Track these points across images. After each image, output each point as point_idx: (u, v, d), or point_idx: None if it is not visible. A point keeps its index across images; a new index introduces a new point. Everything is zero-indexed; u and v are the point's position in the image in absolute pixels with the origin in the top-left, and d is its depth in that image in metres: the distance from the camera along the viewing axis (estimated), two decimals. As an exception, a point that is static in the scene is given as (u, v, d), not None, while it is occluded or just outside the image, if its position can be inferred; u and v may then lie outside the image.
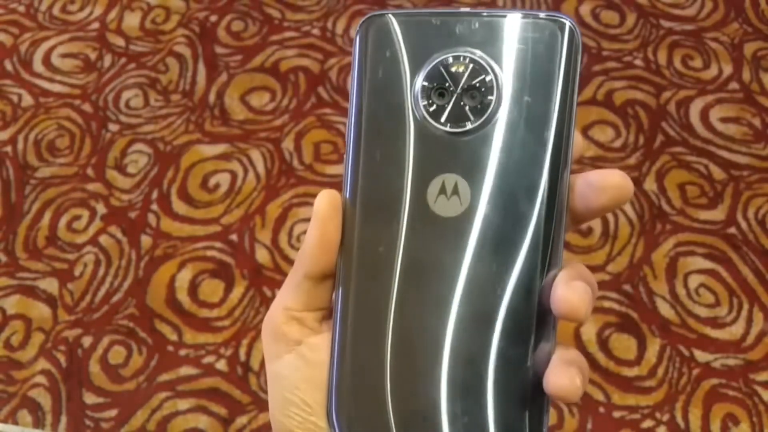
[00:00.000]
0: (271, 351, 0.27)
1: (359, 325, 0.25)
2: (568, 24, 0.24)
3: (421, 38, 0.24)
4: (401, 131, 0.24)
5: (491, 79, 0.24)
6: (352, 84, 0.25)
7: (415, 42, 0.24)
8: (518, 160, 0.24)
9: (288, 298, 0.26)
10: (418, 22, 0.25)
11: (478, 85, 0.24)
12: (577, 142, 0.25)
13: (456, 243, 0.24)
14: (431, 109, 0.24)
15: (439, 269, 0.24)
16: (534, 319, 0.23)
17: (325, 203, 0.25)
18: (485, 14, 0.24)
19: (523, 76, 0.24)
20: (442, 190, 0.24)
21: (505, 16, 0.24)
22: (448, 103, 0.24)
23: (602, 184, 0.23)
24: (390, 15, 0.25)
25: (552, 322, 0.24)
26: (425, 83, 0.24)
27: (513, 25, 0.24)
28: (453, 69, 0.24)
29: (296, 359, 0.26)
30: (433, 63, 0.24)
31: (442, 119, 0.24)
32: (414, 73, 0.24)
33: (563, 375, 0.23)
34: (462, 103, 0.24)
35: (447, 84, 0.24)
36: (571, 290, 0.23)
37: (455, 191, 0.24)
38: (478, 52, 0.24)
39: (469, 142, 0.24)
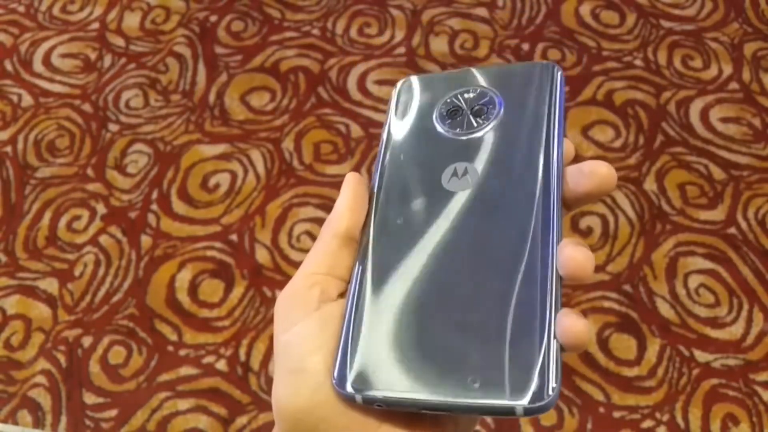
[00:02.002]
0: (285, 321, 0.26)
1: (372, 285, 0.26)
2: (550, 64, 0.31)
3: (440, 85, 0.32)
4: (424, 140, 0.30)
5: (493, 100, 0.30)
6: (387, 114, 0.32)
7: (436, 87, 0.32)
8: (516, 155, 0.28)
9: (312, 263, 0.27)
10: (437, 77, 0.33)
11: (483, 103, 0.30)
12: (568, 149, 0.29)
13: (465, 211, 0.27)
14: (448, 121, 0.30)
15: (451, 234, 0.27)
16: (540, 278, 0.25)
17: (353, 176, 0.29)
18: (491, 67, 0.32)
19: (518, 98, 0.30)
20: (454, 173, 0.28)
21: (499, 66, 0.32)
22: (460, 117, 0.30)
23: (591, 171, 0.27)
24: (417, 76, 0.33)
25: (559, 281, 0.25)
26: (444, 106, 0.31)
27: (511, 69, 0.32)
28: (464, 96, 0.31)
29: (311, 325, 0.26)
30: (450, 95, 0.31)
31: (456, 127, 0.30)
32: (435, 103, 0.31)
33: (577, 250, 0.25)
34: (471, 116, 0.30)
35: (460, 105, 0.31)
36: (577, 250, 0.25)
37: (465, 173, 0.28)
38: (484, 87, 0.31)
39: (476, 141, 0.29)
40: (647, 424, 0.83)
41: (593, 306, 0.91)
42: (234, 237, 0.98)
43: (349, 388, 0.24)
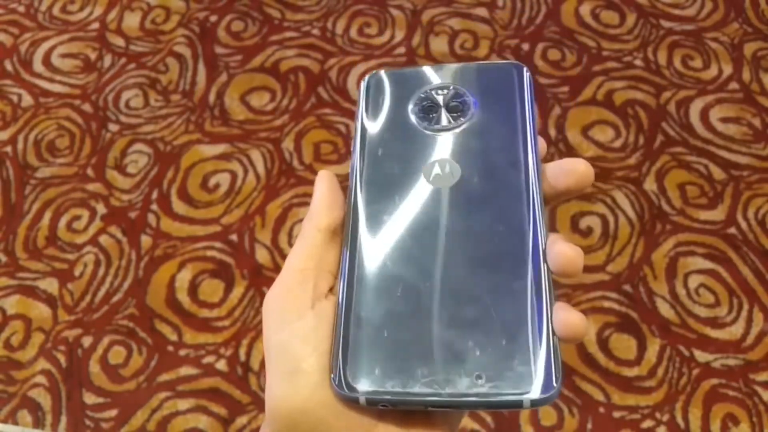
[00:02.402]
0: (278, 320, 0.26)
1: (363, 282, 0.26)
2: (519, 65, 0.31)
3: (411, 80, 0.32)
4: (401, 135, 0.30)
5: (467, 97, 0.30)
6: (358, 108, 0.31)
7: (407, 83, 0.32)
8: (498, 147, 0.29)
9: (299, 258, 0.27)
10: (407, 72, 0.32)
11: (458, 100, 0.30)
12: (542, 146, 0.30)
13: (451, 206, 0.27)
14: (425, 118, 0.30)
15: (441, 230, 0.27)
16: (533, 273, 0.25)
17: (326, 173, 0.29)
18: (461, 65, 0.32)
19: (491, 96, 0.31)
20: (437, 170, 0.28)
21: (470, 64, 0.32)
22: (436, 113, 0.30)
23: (570, 169, 0.28)
24: (385, 70, 0.33)
25: (550, 276, 0.26)
26: (419, 102, 0.31)
27: (481, 67, 0.32)
28: (439, 92, 0.31)
29: (306, 324, 0.25)
30: (424, 90, 0.31)
31: (433, 124, 0.30)
32: (409, 98, 0.31)
33: (567, 245, 0.25)
34: (447, 113, 0.30)
35: (435, 101, 0.31)
36: (567, 246, 0.25)
37: (448, 170, 0.28)
38: (457, 84, 0.31)
39: (455, 137, 0.30)
40: (647, 424, 0.83)
41: (593, 306, 0.91)
42: (234, 237, 0.98)
43: (350, 390, 0.24)
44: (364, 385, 0.24)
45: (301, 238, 0.28)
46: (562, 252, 0.25)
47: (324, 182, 0.29)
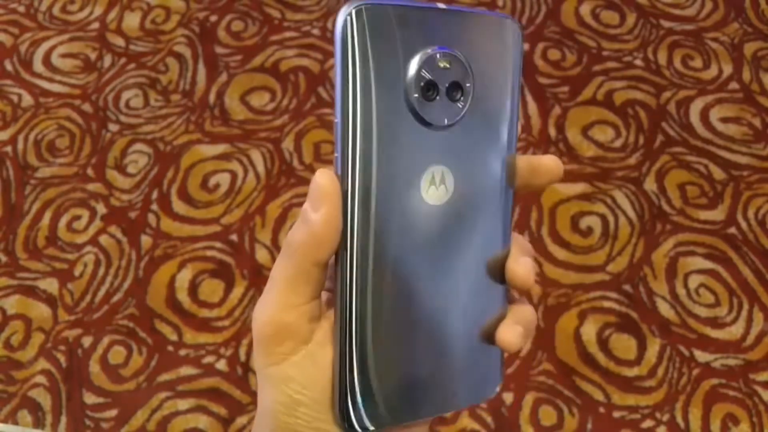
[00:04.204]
0: (273, 353, 0.26)
1: (363, 314, 0.26)
2: (516, 24, 0.27)
3: (399, 33, 0.25)
4: (391, 125, 0.25)
5: (467, 74, 0.26)
6: (337, 77, 0.25)
7: (395, 38, 0.25)
8: (486, 151, 0.27)
9: (293, 292, 0.25)
10: (396, 17, 0.25)
11: (458, 79, 0.26)
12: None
13: (444, 228, 0.27)
14: (418, 104, 0.25)
15: (430, 255, 0.27)
16: (502, 291, 0.29)
17: (332, 183, 0.24)
18: (452, 11, 0.26)
19: (487, 74, 0.27)
20: (432, 181, 0.26)
21: (467, 14, 0.26)
22: (434, 100, 0.25)
23: (540, 167, 0.28)
24: (371, 7, 0.24)
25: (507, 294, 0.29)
26: (418, 77, 0.25)
27: (475, 23, 0.26)
28: (437, 66, 0.25)
29: (304, 359, 0.26)
30: (418, 61, 0.25)
31: (429, 114, 0.25)
32: (400, 70, 0.25)
33: (511, 331, 0.28)
34: (446, 100, 0.26)
35: (435, 81, 0.25)
36: (521, 266, 0.28)
37: (442, 181, 0.26)
38: (456, 50, 0.26)
39: (451, 135, 0.26)
40: (647, 424, 0.83)
41: (593, 306, 0.91)
42: (234, 237, 0.98)
43: (356, 427, 0.26)
44: (371, 424, 0.27)
45: (291, 268, 0.25)
46: (514, 271, 0.28)
47: (329, 197, 0.24)
